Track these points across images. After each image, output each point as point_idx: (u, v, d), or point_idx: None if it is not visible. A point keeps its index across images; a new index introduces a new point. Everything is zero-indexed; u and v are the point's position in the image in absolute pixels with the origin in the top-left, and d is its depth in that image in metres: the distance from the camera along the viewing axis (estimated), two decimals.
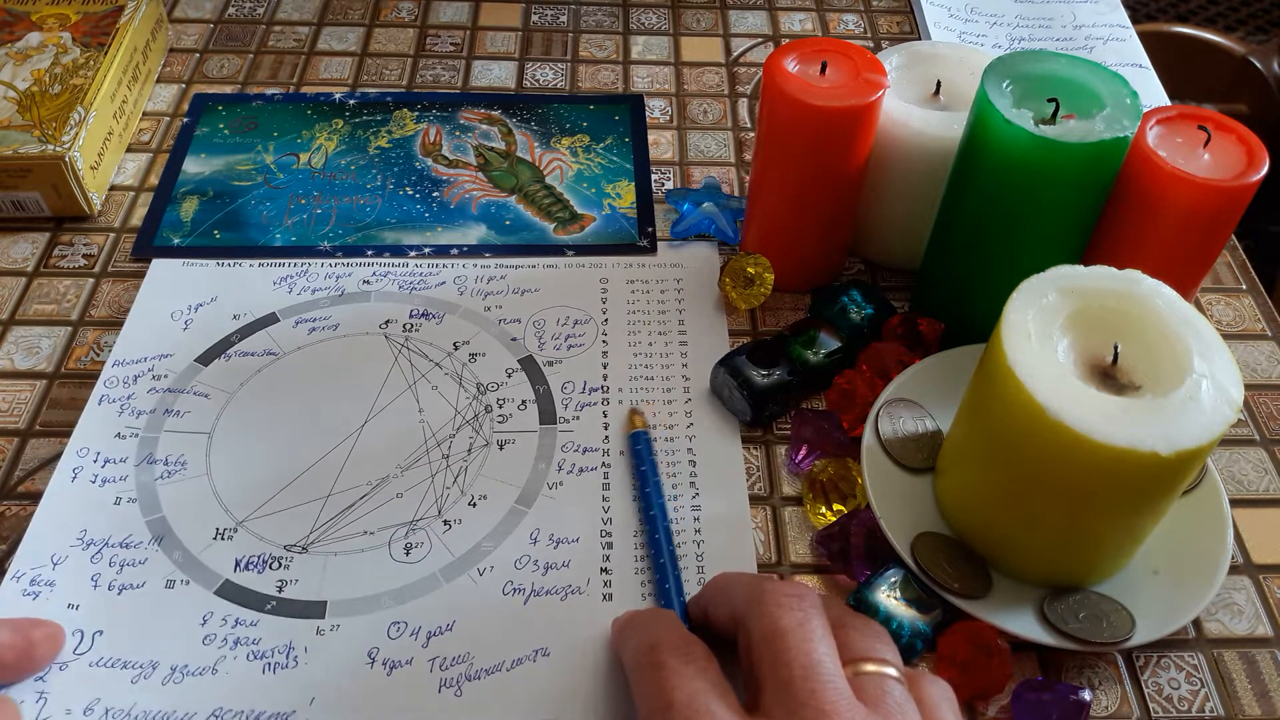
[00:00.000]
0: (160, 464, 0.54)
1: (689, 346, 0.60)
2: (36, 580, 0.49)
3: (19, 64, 0.68)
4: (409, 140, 0.72)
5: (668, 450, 0.55)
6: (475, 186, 0.69)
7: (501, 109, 0.74)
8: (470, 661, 0.47)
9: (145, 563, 0.50)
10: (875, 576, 0.49)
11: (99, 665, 0.47)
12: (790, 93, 0.54)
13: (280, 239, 0.65)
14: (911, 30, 0.84)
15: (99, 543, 0.51)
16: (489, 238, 0.66)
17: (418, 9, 0.84)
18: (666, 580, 0.49)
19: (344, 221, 0.66)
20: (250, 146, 0.71)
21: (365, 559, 0.51)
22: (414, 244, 0.65)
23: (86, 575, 0.50)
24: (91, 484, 0.53)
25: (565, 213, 0.67)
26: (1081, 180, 0.51)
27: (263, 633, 0.48)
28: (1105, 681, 0.48)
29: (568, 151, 0.71)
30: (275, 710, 0.46)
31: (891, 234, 0.63)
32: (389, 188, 0.68)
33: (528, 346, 0.60)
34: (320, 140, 0.71)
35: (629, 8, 0.85)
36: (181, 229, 0.65)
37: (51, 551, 0.50)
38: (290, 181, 0.69)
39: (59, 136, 0.63)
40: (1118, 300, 0.45)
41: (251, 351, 0.59)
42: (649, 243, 0.65)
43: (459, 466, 0.54)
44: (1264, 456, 0.57)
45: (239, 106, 0.74)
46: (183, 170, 0.69)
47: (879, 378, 0.56)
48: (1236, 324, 0.63)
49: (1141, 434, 0.41)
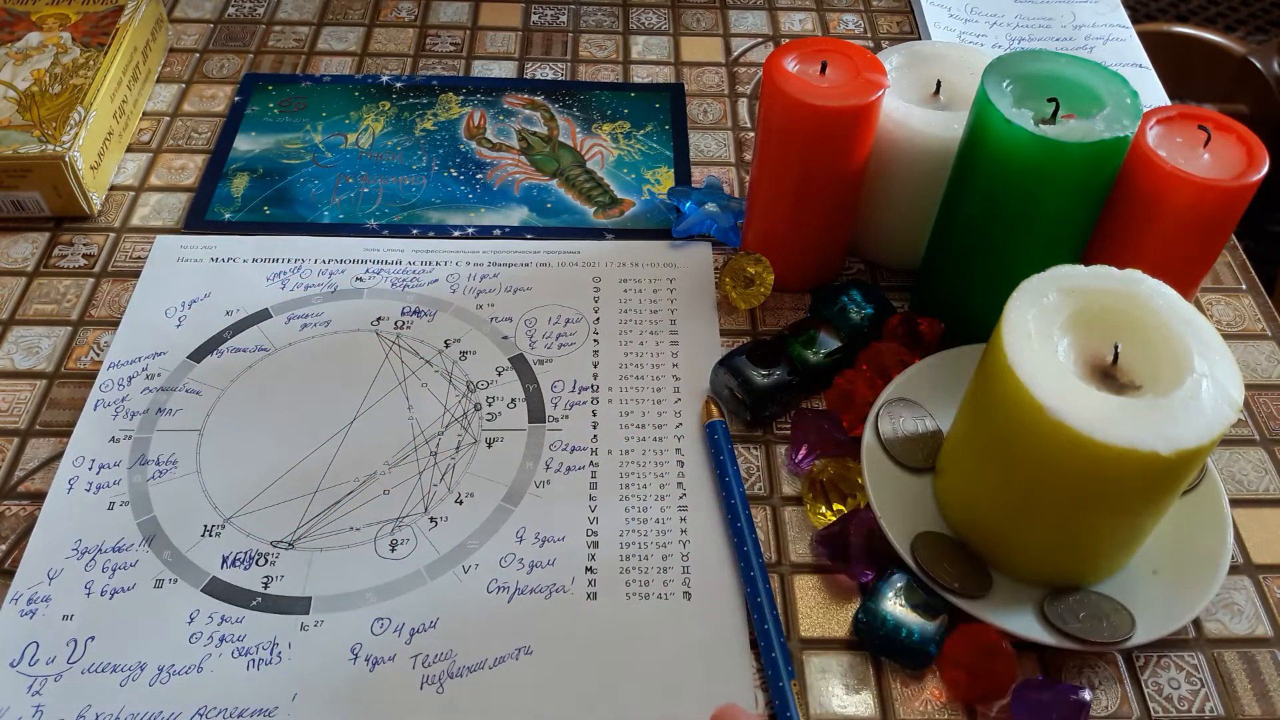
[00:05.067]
0: (152, 464, 0.54)
1: (680, 346, 0.60)
2: (34, 599, 0.49)
3: (19, 64, 0.68)
4: (454, 123, 0.73)
5: (656, 450, 0.55)
6: (517, 169, 0.70)
7: (545, 94, 0.76)
8: (453, 659, 0.47)
9: (136, 565, 0.50)
10: (880, 583, 0.49)
11: (90, 671, 0.47)
12: (790, 93, 0.54)
13: (328, 216, 0.66)
14: (911, 30, 0.84)
15: (92, 550, 0.51)
16: (531, 220, 0.67)
17: (418, 9, 0.83)
18: (758, 594, 0.49)
19: (390, 201, 0.68)
20: (299, 126, 0.72)
21: (351, 555, 0.51)
22: (458, 224, 0.66)
23: (80, 584, 0.50)
24: (86, 492, 0.53)
25: (605, 197, 0.68)
26: (1082, 180, 0.51)
27: (247, 629, 0.48)
28: (1105, 681, 0.48)
29: (609, 137, 0.72)
30: (259, 707, 0.46)
31: (891, 234, 0.63)
32: (434, 169, 0.70)
33: (519, 345, 0.60)
34: (368, 121, 0.73)
35: (629, 8, 0.85)
36: (233, 204, 0.67)
37: (48, 567, 0.50)
38: (338, 161, 0.70)
39: (59, 136, 0.63)
40: (1118, 300, 0.45)
41: (243, 348, 0.59)
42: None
43: (447, 464, 0.54)
44: (1264, 456, 0.57)
45: (289, 87, 0.75)
46: (234, 148, 0.71)
47: (879, 378, 0.56)
48: (1236, 324, 0.63)
49: (1141, 434, 0.41)
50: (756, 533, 0.51)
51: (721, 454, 0.54)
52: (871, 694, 0.47)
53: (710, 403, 0.56)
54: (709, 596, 0.50)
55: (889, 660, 0.48)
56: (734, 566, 0.51)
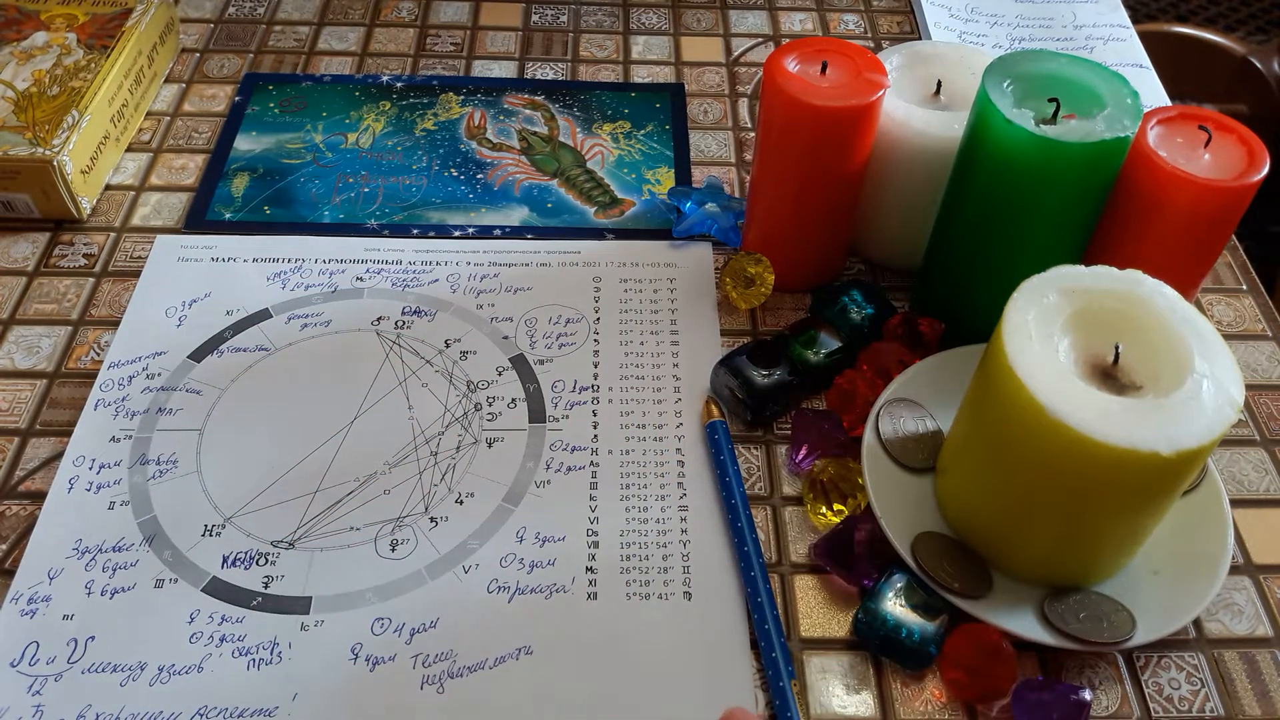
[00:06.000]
0: (152, 464, 0.54)
1: (680, 346, 0.60)
2: (34, 599, 0.49)
3: (21, 63, 0.68)
4: (454, 123, 0.73)
5: (656, 450, 0.55)
6: (518, 169, 0.70)
7: (545, 94, 0.76)
8: (453, 659, 0.47)
9: (136, 564, 0.50)
10: (880, 584, 0.49)
11: (90, 671, 0.47)
12: (790, 93, 0.54)
13: (329, 216, 0.66)
14: (911, 30, 0.84)
15: (93, 549, 0.51)
16: (531, 219, 0.67)
17: (418, 9, 0.83)
18: (758, 594, 0.49)
19: (390, 201, 0.68)
20: (299, 126, 0.73)
21: (351, 555, 0.51)
22: (458, 224, 0.66)
23: (80, 584, 0.50)
24: (87, 492, 0.53)
25: (606, 197, 0.68)
26: (1082, 180, 0.51)
27: (248, 629, 0.48)
28: (1105, 681, 0.48)
29: (609, 137, 0.73)
30: (259, 707, 0.46)
31: (891, 234, 0.63)
32: (434, 169, 0.70)
33: (519, 345, 0.60)
34: (368, 121, 0.73)
35: (629, 8, 0.85)
36: (233, 204, 0.67)
37: (49, 566, 0.50)
38: (339, 160, 0.70)
39: (49, 140, 0.63)
40: (1118, 300, 0.45)
41: (244, 347, 0.59)
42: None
43: (447, 464, 0.54)
44: (1264, 456, 0.57)
45: (289, 86, 0.75)
46: (234, 148, 0.71)
47: (879, 378, 0.56)
48: (1237, 324, 0.63)
49: (1142, 434, 0.41)
50: (757, 533, 0.51)
51: (722, 454, 0.54)
52: (871, 694, 0.47)
53: (710, 403, 0.56)
54: (709, 596, 0.50)
55: (889, 660, 0.48)
56: (734, 566, 0.51)
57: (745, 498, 0.52)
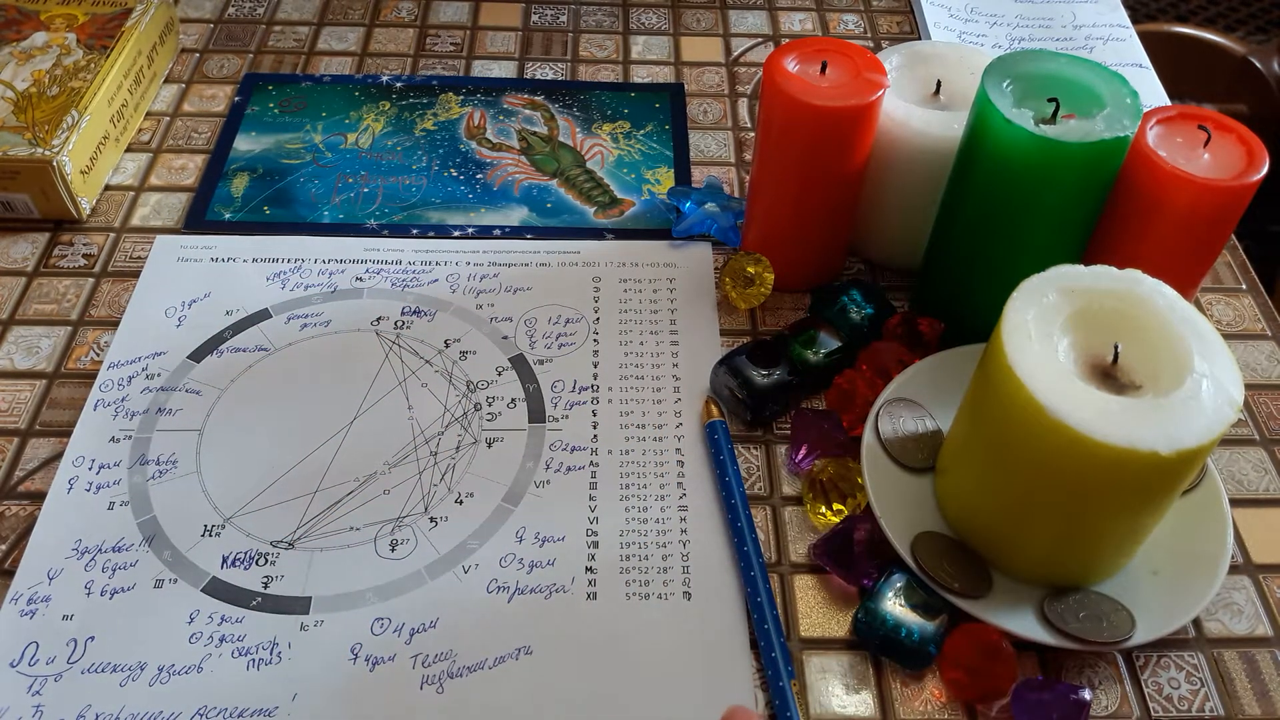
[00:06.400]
0: (152, 464, 0.54)
1: (680, 346, 0.60)
2: (33, 599, 0.49)
3: (21, 63, 0.68)
4: (454, 123, 0.73)
5: (656, 450, 0.55)
6: (517, 169, 0.70)
7: (545, 94, 0.76)
8: (453, 659, 0.47)
9: (136, 565, 0.50)
10: (880, 584, 0.49)
11: (90, 671, 0.47)
12: (790, 93, 0.54)
13: (328, 216, 0.66)
14: (911, 30, 0.84)
15: (92, 550, 0.51)
16: (530, 220, 0.67)
17: (418, 9, 0.84)
18: (758, 594, 0.49)
19: (390, 201, 0.68)
20: (299, 126, 0.73)
21: (351, 555, 0.51)
22: (458, 224, 0.66)
23: (80, 584, 0.50)
24: (86, 492, 0.53)
25: (605, 197, 0.68)
26: (1082, 180, 0.51)
27: (247, 629, 0.48)
28: (1105, 681, 0.48)
29: (609, 137, 0.73)
30: (259, 707, 0.46)
31: (891, 234, 0.63)
32: (434, 169, 0.70)
33: (519, 345, 0.60)
34: (368, 121, 0.73)
35: (629, 8, 0.85)
36: (233, 204, 0.67)
37: (48, 567, 0.50)
38: (338, 161, 0.70)
39: (49, 140, 0.63)
40: (1118, 300, 0.45)
41: (243, 347, 0.59)
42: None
43: (447, 464, 0.54)
44: (1264, 456, 0.57)
45: (289, 87, 0.75)
46: (234, 148, 0.71)
47: (879, 377, 0.56)
48: (1236, 324, 0.63)
49: (1142, 434, 0.41)
50: (756, 533, 0.51)
51: (721, 454, 0.54)
52: (871, 694, 0.47)
53: (710, 403, 0.56)
54: (709, 596, 0.50)
55: (889, 660, 0.48)
56: (734, 566, 0.51)
57: (745, 497, 0.52)
